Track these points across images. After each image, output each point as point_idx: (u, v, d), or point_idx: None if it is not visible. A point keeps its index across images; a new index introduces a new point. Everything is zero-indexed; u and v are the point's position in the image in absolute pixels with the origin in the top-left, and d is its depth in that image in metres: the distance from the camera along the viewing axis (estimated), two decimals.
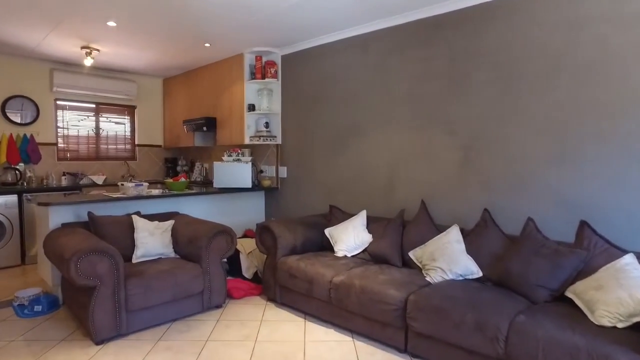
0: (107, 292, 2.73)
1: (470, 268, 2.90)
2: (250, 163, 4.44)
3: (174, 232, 3.52)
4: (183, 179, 3.98)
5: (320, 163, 4.39)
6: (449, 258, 2.94)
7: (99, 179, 5.41)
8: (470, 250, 2.97)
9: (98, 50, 4.63)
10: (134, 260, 3.28)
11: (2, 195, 4.62)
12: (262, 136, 4.65)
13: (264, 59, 4.73)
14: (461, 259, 2.93)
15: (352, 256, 3.49)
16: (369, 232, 3.57)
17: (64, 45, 4.52)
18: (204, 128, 5.13)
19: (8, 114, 5.07)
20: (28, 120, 5.22)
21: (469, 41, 3.24)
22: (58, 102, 5.50)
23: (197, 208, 4.26)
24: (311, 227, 3.75)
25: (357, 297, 2.83)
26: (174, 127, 6.08)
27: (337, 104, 4.21)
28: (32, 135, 5.22)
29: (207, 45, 4.49)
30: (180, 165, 6.24)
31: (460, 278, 2.89)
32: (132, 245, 3.34)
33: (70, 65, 5.46)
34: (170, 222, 3.58)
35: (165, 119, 6.35)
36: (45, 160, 5.36)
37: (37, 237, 3.88)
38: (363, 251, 3.49)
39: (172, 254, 3.45)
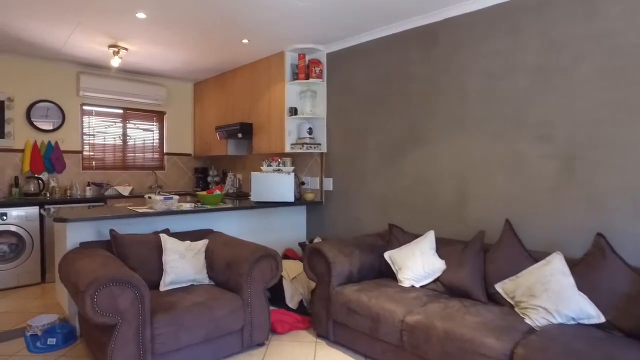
0: (130, 332, 2.21)
1: (586, 310, 2.24)
2: (292, 174, 3.90)
3: (209, 254, 3.00)
4: (218, 192, 3.47)
5: (373, 174, 3.81)
6: (554, 295, 2.30)
7: (125, 190, 4.99)
8: (582, 287, 2.32)
9: (126, 49, 4.23)
10: (162, 288, 2.76)
11: (23, 207, 4.23)
12: (305, 143, 4.11)
13: (308, 58, 4.22)
14: (572, 297, 2.28)
15: (422, 287, 2.88)
16: (440, 257, 2.95)
17: (91, 44, 4.14)
18: (239, 135, 4.65)
19: (33, 120, 4.72)
20: (53, 127, 4.87)
21: (572, 24, 2.62)
22: (84, 107, 5.14)
23: (232, 224, 3.74)
24: (368, 250, 3.16)
25: (441, 344, 2.22)
26: (205, 134, 5.64)
27: (393, 107, 3.64)
28: (56, 143, 4.86)
29: (245, 41, 4.01)
30: (211, 175, 5.78)
31: (572, 322, 2.24)
32: (159, 269, 2.83)
33: (97, 68, 5.10)
34: (204, 242, 3.06)
35: (196, 126, 5.92)
36: (70, 169, 4.99)
37: (55, 254, 3.44)
38: (434, 281, 2.88)
39: (206, 280, 2.92)
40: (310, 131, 4.23)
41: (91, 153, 5.20)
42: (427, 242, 3.05)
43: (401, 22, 3.50)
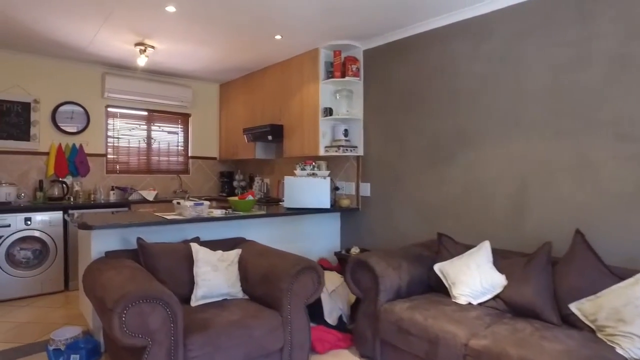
0: (161, 353, 1.97)
1: None
2: (328, 178, 3.64)
3: (242, 265, 2.75)
4: (251, 197, 3.23)
5: (416, 179, 3.52)
6: None
7: (150, 195, 4.81)
8: None
9: (153, 47, 4.05)
10: (194, 303, 2.52)
11: (47, 212, 4.08)
12: (341, 146, 3.85)
13: (343, 55, 3.96)
14: None
15: (480, 304, 2.56)
16: (499, 271, 2.64)
17: (117, 43, 3.97)
18: (269, 137, 4.42)
19: (58, 122, 4.59)
20: (78, 129, 4.73)
21: None
22: (109, 109, 4.99)
23: (263, 232, 3.49)
24: (416, 262, 2.87)
25: None
26: (231, 137, 5.43)
27: (439, 106, 3.35)
28: (81, 146, 4.72)
29: (278, 37, 3.79)
30: (236, 180, 5.57)
31: None
32: (190, 282, 2.59)
33: (123, 69, 4.96)
34: (237, 252, 2.81)
35: (222, 129, 5.72)
36: (94, 173, 4.84)
37: (79, 262, 3.25)
38: (494, 298, 2.56)
39: (240, 294, 2.67)
40: (346, 133, 3.96)
41: (115, 156, 5.05)
42: (482, 254, 2.74)
43: (448, 14, 3.22)
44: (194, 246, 2.68)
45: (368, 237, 3.92)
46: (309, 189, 3.62)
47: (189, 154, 5.60)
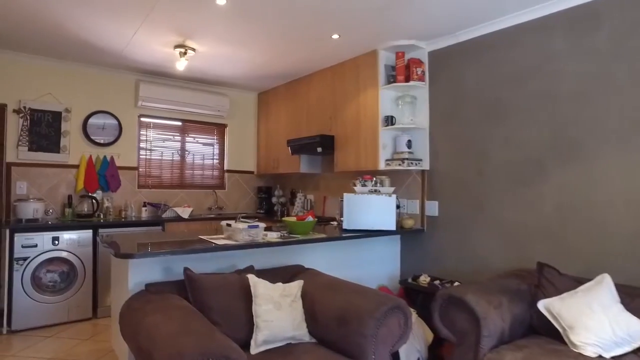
0: None
1: None
2: (394, 196, 3.16)
3: (307, 301, 2.28)
4: (310, 218, 2.78)
5: (500, 197, 3.01)
6: None
7: (185, 212, 4.41)
8: None
9: (194, 50, 3.68)
10: (254, 350, 2.05)
11: (76, 231, 3.71)
12: (405, 159, 3.38)
13: (407, 57, 3.52)
14: None
15: (613, 358, 2.02)
16: (634, 314, 2.10)
17: (155, 45, 3.62)
18: (318, 149, 3.98)
19: (89, 133, 4.26)
20: (109, 140, 4.39)
21: None
22: (142, 119, 4.65)
23: (321, 258, 3.02)
24: (515, 298, 2.34)
25: None
26: (271, 149, 5.02)
27: (527, 113, 2.86)
28: (112, 158, 4.37)
29: (335, 37, 3.37)
30: (275, 196, 5.14)
31: None
32: (247, 322, 2.13)
33: (157, 76, 4.63)
34: (299, 285, 2.34)
35: (260, 140, 5.32)
36: (125, 188, 4.47)
37: (112, 292, 2.83)
38: (635, 351, 2.02)
39: (307, 337, 2.19)
40: (409, 144, 3.49)
41: (147, 170, 4.69)
42: (604, 291, 2.20)
43: (539, 6, 2.75)
44: (252, 278, 2.22)
45: (435, 263, 3.41)
46: (371, 207, 3.14)
47: (225, 167, 5.21)
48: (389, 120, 3.48)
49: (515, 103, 2.93)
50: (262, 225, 2.56)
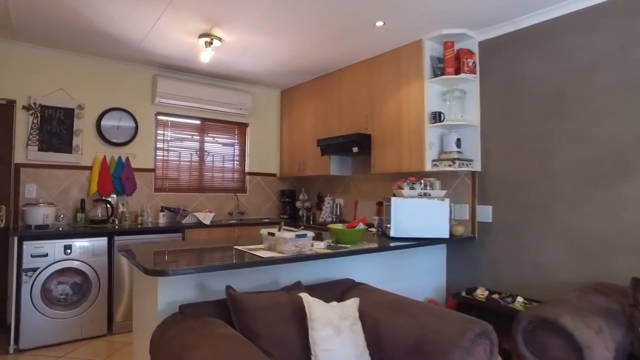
0: None
1: None
2: (447, 200, 2.83)
3: (366, 323, 1.94)
4: (362, 225, 2.44)
5: (566, 201, 2.66)
6: None
7: (206, 218, 4.07)
8: None
9: (220, 40, 3.37)
10: None
11: (89, 238, 3.39)
12: (455, 159, 3.04)
13: (456, 47, 3.19)
14: None
15: None
16: None
17: (177, 34, 3.31)
18: (353, 149, 3.65)
19: (103, 132, 3.95)
20: (124, 140, 4.07)
21: None
22: (159, 117, 4.34)
23: (368, 270, 2.69)
24: (609, 319, 2.00)
25: None
26: (297, 150, 4.69)
27: (601, 106, 2.52)
28: (127, 159, 4.05)
29: (379, 24, 3.05)
30: (300, 200, 4.81)
31: None
32: (302, 350, 1.79)
33: (177, 71, 4.32)
34: (354, 304, 2.00)
35: (283, 141, 4.99)
36: (140, 191, 4.15)
37: (134, 310, 2.50)
38: None
39: None
40: (458, 143, 3.16)
41: (164, 172, 4.37)
42: None
43: None
44: (306, 298, 1.88)
45: (488, 274, 3.06)
46: (421, 213, 2.81)
47: (246, 170, 4.88)
48: (437, 117, 3.15)
49: (586, 95, 2.60)
50: (311, 234, 2.22)
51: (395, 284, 2.85)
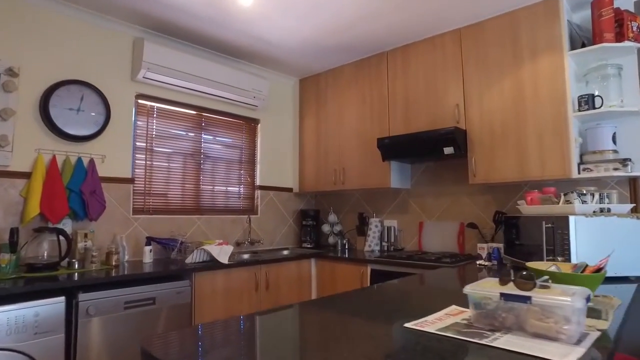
0: None
1: None
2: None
3: None
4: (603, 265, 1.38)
5: None
6: None
7: (223, 253, 2.65)
8: None
9: None
10: None
11: (29, 302, 1.85)
12: (609, 161, 2.17)
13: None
14: None
15: None
16: None
17: None
18: (446, 149, 2.62)
19: (52, 117, 2.41)
20: (87, 132, 2.56)
21: None
22: (140, 102, 2.89)
23: None
24: None
25: None
26: (329, 156, 3.46)
27: None
28: (92, 162, 2.54)
29: None
30: (329, 222, 3.59)
31: None
32: None
33: (172, 37, 2.94)
34: None
35: (304, 145, 3.73)
36: (112, 213, 2.64)
37: None
38: None
39: None
40: (614, 138, 2.30)
41: (148, 183, 2.89)
42: None
43: None
44: None
45: None
46: (620, 237, 1.85)
47: (257, 182, 3.55)
48: (590, 102, 2.26)
49: None
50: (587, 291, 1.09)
51: None
